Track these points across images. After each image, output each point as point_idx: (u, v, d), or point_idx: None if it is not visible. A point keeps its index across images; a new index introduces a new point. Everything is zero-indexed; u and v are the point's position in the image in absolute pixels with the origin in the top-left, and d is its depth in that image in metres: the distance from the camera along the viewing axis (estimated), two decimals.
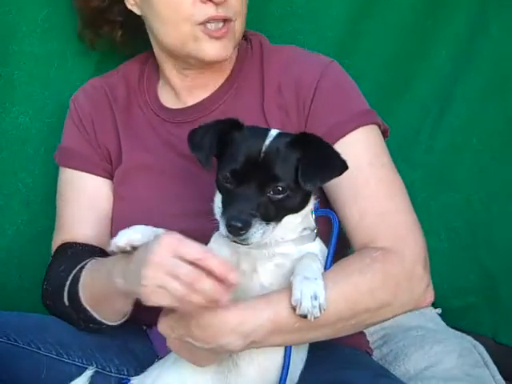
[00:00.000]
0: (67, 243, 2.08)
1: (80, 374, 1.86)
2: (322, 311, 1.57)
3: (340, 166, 1.65)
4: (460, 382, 2.20)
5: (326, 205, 1.91)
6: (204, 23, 1.93)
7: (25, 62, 2.36)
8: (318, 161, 1.64)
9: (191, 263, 1.54)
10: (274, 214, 1.61)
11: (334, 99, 1.95)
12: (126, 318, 1.91)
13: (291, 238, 1.70)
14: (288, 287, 1.62)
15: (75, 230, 2.10)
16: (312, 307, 1.56)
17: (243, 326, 1.60)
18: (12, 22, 2.32)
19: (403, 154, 2.03)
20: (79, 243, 2.07)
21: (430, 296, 1.82)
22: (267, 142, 1.63)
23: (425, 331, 2.45)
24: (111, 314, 1.89)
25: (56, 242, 2.12)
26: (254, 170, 1.61)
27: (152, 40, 2.09)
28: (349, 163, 1.71)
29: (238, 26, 1.99)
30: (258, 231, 1.57)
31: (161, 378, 1.78)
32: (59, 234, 2.13)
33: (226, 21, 1.95)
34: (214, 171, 1.70)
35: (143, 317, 1.94)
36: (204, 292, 1.53)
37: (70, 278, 1.91)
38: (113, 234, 2.09)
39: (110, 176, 2.13)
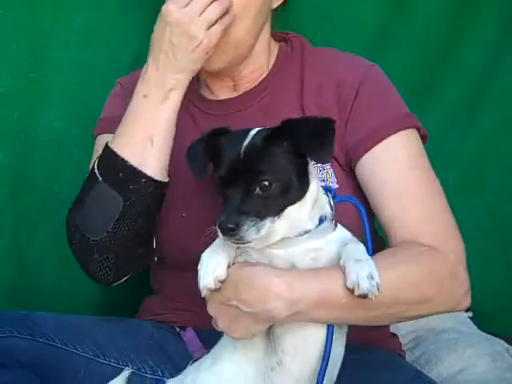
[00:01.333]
0: None
1: (116, 374, 1.87)
2: (380, 289, 1.58)
3: (329, 123, 1.66)
4: None
5: (365, 204, 1.91)
6: None
7: (59, 66, 2.40)
8: (315, 134, 1.64)
9: None
10: (266, 209, 1.62)
11: (375, 102, 1.96)
12: (164, 170, 1.91)
13: (308, 228, 1.69)
14: (337, 265, 1.64)
15: None
16: (371, 286, 1.57)
17: (290, 291, 1.61)
18: (48, 29, 2.35)
19: (435, 156, 2.04)
20: None
21: (468, 300, 1.83)
22: (246, 142, 1.65)
23: (457, 334, 2.45)
24: (145, 144, 1.87)
25: None
26: (238, 172, 1.63)
27: None
28: (390, 165, 1.78)
29: (238, 35, 1.95)
30: (251, 228, 1.58)
31: (198, 381, 1.77)
32: None
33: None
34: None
35: (177, 318, 1.98)
36: None
37: (98, 158, 1.91)
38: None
39: None
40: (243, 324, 1.65)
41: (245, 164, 1.63)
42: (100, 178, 1.89)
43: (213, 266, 1.64)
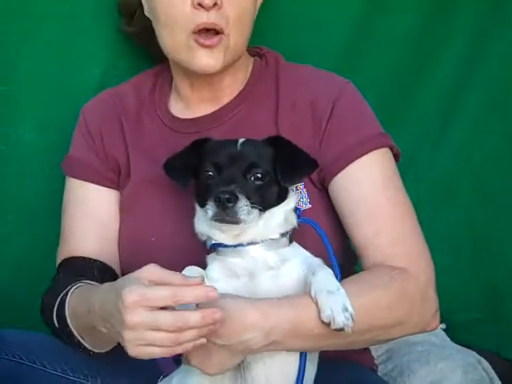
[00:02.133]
0: (69, 258, 2.07)
1: None
2: (354, 320, 1.60)
3: (312, 165, 1.80)
4: None
5: (337, 222, 1.95)
6: (198, 33, 1.94)
7: (28, 79, 2.38)
8: (293, 160, 1.76)
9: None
10: (256, 199, 1.69)
11: (349, 121, 1.97)
12: (112, 346, 1.88)
13: (272, 238, 1.75)
14: (307, 292, 1.65)
15: (77, 242, 2.09)
16: (346, 319, 1.59)
17: (264, 321, 1.61)
18: (16, 41, 2.33)
19: (407, 169, 2.05)
20: (80, 257, 2.06)
21: (437, 321, 1.86)
22: (240, 140, 1.77)
23: (429, 346, 2.45)
24: (99, 344, 1.87)
25: (60, 256, 2.12)
26: (234, 161, 1.72)
27: None
28: (363, 185, 1.85)
29: (235, 38, 1.98)
30: (244, 207, 1.65)
31: None
32: (62, 247, 2.13)
33: (217, 33, 1.95)
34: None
35: None
36: (193, 326, 1.53)
37: (58, 300, 1.89)
38: (119, 245, 2.09)
39: (116, 187, 2.13)
40: (217, 358, 1.64)
41: (242, 155, 1.73)
42: (57, 326, 1.88)
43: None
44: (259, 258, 1.73)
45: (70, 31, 2.37)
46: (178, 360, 1.78)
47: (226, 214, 1.64)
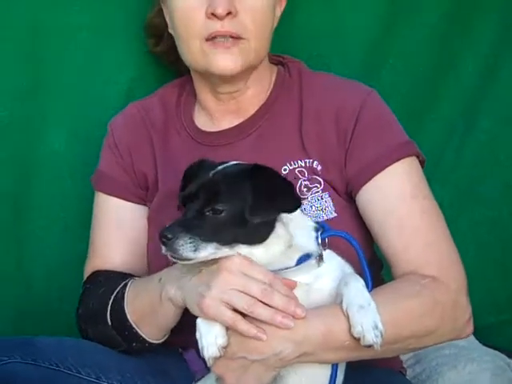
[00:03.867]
0: (100, 270, 2.12)
1: None
2: (383, 336, 1.62)
3: (290, 204, 1.68)
4: None
5: (363, 229, 1.96)
6: (212, 39, 1.95)
7: (58, 91, 2.41)
8: (265, 194, 1.66)
9: None
10: (214, 234, 1.65)
11: (374, 131, 1.98)
12: (166, 336, 1.95)
13: (288, 265, 1.72)
14: (338, 303, 1.67)
15: (107, 255, 2.14)
16: (375, 337, 1.61)
17: (296, 333, 1.64)
18: (47, 53, 2.37)
19: (431, 172, 2.05)
20: (110, 270, 2.11)
21: (470, 327, 1.87)
22: (218, 168, 1.71)
23: (457, 349, 2.45)
24: (155, 328, 1.93)
25: (88, 269, 2.16)
26: (200, 191, 1.68)
27: None
28: (391, 194, 1.84)
29: (254, 46, 1.98)
30: (187, 244, 1.62)
31: None
32: (91, 260, 2.18)
33: (234, 38, 1.96)
34: None
35: (178, 339, 1.98)
36: (276, 304, 1.62)
37: (113, 295, 1.95)
38: (148, 258, 2.14)
39: (144, 202, 2.17)
40: (253, 374, 1.68)
41: (207, 186, 1.68)
42: (110, 323, 1.96)
43: (213, 335, 1.66)
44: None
45: (98, 43, 2.41)
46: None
47: (170, 252, 1.64)
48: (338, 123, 1.99)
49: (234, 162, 1.74)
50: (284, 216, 1.70)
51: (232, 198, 1.65)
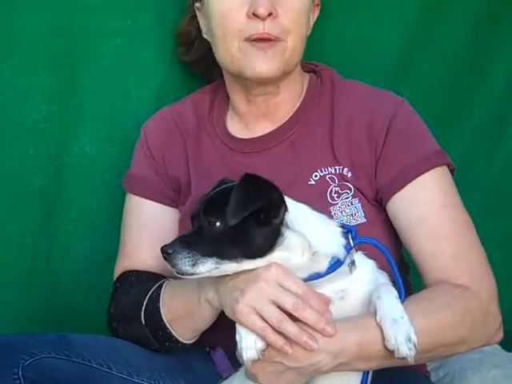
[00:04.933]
0: (131, 271, 2.15)
1: None
2: (417, 349, 1.64)
3: (265, 199, 1.66)
4: None
5: (393, 234, 1.99)
6: (251, 41, 1.97)
7: (92, 94, 2.45)
8: (240, 195, 1.66)
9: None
10: (214, 249, 1.66)
11: (406, 140, 1.99)
12: (198, 337, 1.98)
13: (318, 272, 1.73)
14: (372, 313, 1.69)
15: (137, 257, 2.17)
16: (409, 350, 1.64)
17: (333, 345, 1.66)
18: (81, 57, 2.41)
19: (460, 179, 2.07)
20: (142, 271, 2.14)
21: (500, 334, 1.90)
22: (221, 187, 1.74)
23: (482, 355, 2.45)
24: (189, 330, 1.96)
25: (118, 269, 2.19)
26: (200, 209, 1.71)
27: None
28: (423, 204, 1.87)
29: (290, 45, 2.00)
30: (185, 259, 1.65)
31: None
32: (121, 261, 2.20)
33: (273, 40, 1.97)
34: None
35: (206, 338, 2.01)
36: (306, 319, 1.63)
37: (148, 296, 1.98)
38: None
39: (176, 205, 2.19)
40: (286, 378, 1.70)
41: (207, 203, 1.72)
42: (143, 322, 1.99)
43: (253, 338, 1.67)
44: (325, 290, 1.74)
45: (131, 49, 2.43)
46: (236, 363, 1.84)
47: (172, 267, 1.68)
48: (369, 132, 2.01)
49: (231, 184, 1.74)
50: (295, 222, 1.70)
51: (221, 210, 1.66)
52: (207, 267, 1.66)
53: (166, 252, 1.66)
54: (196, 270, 1.66)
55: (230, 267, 1.68)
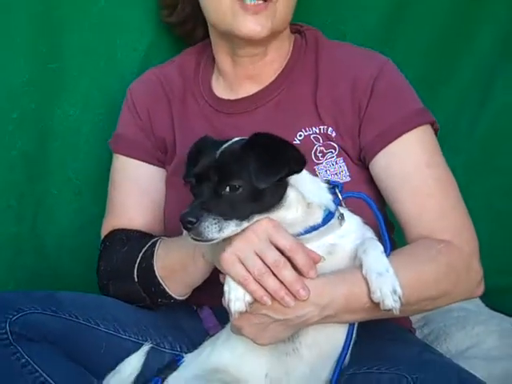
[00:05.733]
0: (119, 229, 2.15)
1: (136, 349, 1.94)
2: (402, 301, 1.66)
3: (294, 162, 1.68)
4: (502, 361, 2.25)
5: (376, 193, 2.00)
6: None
7: (75, 56, 2.43)
8: (268, 158, 1.66)
9: (279, 250, 1.65)
10: (233, 211, 1.65)
11: (389, 100, 2.00)
12: (189, 293, 2.00)
13: (313, 224, 1.74)
14: (358, 267, 1.71)
15: (126, 215, 2.18)
16: (394, 302, 1.66)
17: (320, 298, 1.68)
18: (64, 19, 2.38)
19: (444, 140, 2.08)
20: (131, 229, 2.14)
21: (481, 288, 1.92)
22: (223, 146, 1.71)
23: (465, 312, 2.51)
24: (182, 285, 1.97)
25: (106, 227, 2.20)
26: (211, 171, 1.67)
27: (208, 23, 2.13)
28: (406, 162, 1.88)
29: (281, 7, 2.00)
30: (212, 225, 1.62)
31: (213, 355, 1.85)
32: (110, 219, 2.21)
33: (264, 0, 1.97)
34: None
35: (194, 297, 2.03)
36: (283, 278, 1.64)
37: (142, 253, 1.99)
38: (164, 220, 2.18)
39: (162, 165, 2.20)
40: (272, 331, 1.71)
41: (218, 165, 1.68)
42: (136, 280, 2.00)
43: (242, 290, 1.67)
44: (316, 245, 1.75)
45: (115, 8, 2.42)
46: (223, 320, 1.86)
47: (195, 235, 1.63)
48: (353, 91, 2.01)
49: (237, 139, 1.74)
50: (291, 178, 1.71)
51: (243, 173, 1.65)
52: (230, 230, 1.65)
53: (190, 222, 1.61)
54: (222, 235, 1.64)
55: (244, 226, 1.68)
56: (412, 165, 1.95)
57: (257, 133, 1.70)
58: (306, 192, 1.73)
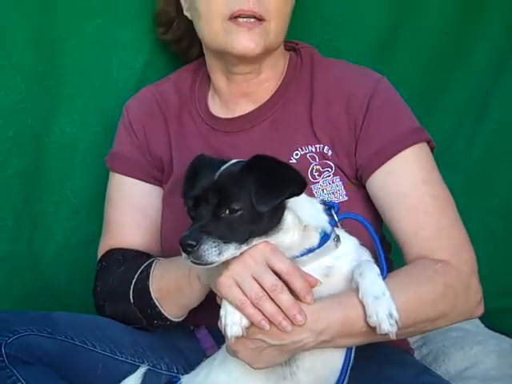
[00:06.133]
0: (116, 249, 2.14)
1: (133, 371, 1.93)
2: (398, 325, 1.65)
3: (294, 185, 1.67)
4: (500, 382, 2.24)
5: (373, 212, 1.99)
6: (234, 18, 1.96)
7: (71, 74, 2.43)
8: (268, 181, 1.65)
9: (276, 274, 1.65)
10: (233, 234, 1.63)
11: (385, 117, 1.99)
12: (186, 315, 1.98)
13: (310, 247, 1.73)
14: (354, 290, 1.69)
15: (123, 235, 2.17)
16: (391, 326, 1.64)
17: (316, 323, 1.67)
18: (61, 36, 2.38)
19: (441, 158, 2.08)
20: (128, 249, 2.13)
21: (481, 308, 1.90)
22: (222, 168, 1.69)
23: (464, 332, 2.49)
24: (177, 307, 1.96)
25: (103, 247, 2.19)
26: (210, 194, 1.65)
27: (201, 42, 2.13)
28: (403, 180, 1.87)
29: (274, 27, 2.00)
30: (212, 249, 1.60)
31: (210, 377, 1.83)
32: (106, 239, 2.20)
33: (257, 19, 1.97)
34: None
35: (191, 317, 2.01)
36: (280, 302, 1.63)
37: (137, 274, 1.98)
38: (162, 240, 2.17)
39: (159, 183, 2.19)
40: (267, 356, 1.70)
41: (217, 187, 1.66)
42: (132, 301, 1.99)
43: (238, 314, 1.65)
44: (312, 267, 1.74)
45: (112, 26, 2.42)
46: (220, 341, 1.84)
47: (195, 259, 1.61)
48: (348, 109, 2.01)
49: (235, 160, 1.72)
50: (289, 201, 1.70)
51: (243, 196, 1.64)
52: (229, 253, 1.63)
53: (190, 245, 1.60)
54: (221, 259, 1.62)
55: (243, 249, 1.66)
56: (409, 182, 1.94)
57: (256, 155, 1.69)
58: (303, 214, 1.72)
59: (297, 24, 2.27)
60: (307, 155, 2.03)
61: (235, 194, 1.65)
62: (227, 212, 1.64)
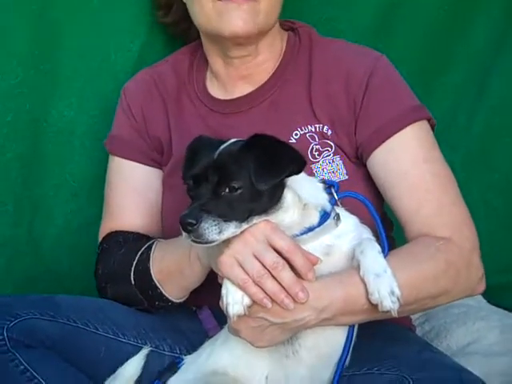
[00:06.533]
0: (116, 231, 2.15)
1: (136, 352, 1.94)
2: (400, 302, 1.65)
3: (294, 164, 1.67)
4: (503, 357, 2.25)
5: (374, 190, 1.99)
6: None
7: (69, 57, 2.41)
8: (268, 160, 1.65)
9: (277, 252, 1.64)
10: (233, 212, 1.63)
11: (385, 96, 1.99)
12: (187, 296, 1.99)
13: (310, 226, 1.73)
14: (355, 268, 1.69)
15: (123, 217, 2.17)
16: (392, 303, 1.65)
17: (318, 301, 1.67)
18: (57, 19, 2.37)
19: (442, 136, 2.07)
20: (128, 231, 2.13)
21: (483, 285, 1.91)
22: (221, 147, 1.69)
23: (466, 308, 2.50)
24: (178, 288, 1.97)
25: (104, 229, 2.19)
26: (210, 173, 1.65)
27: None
28: (403, 158, 1.86)
29: (264, 7, 1.98)
30: (212, 227, 1.60)
31: (213, 356, 1.84)
32: (107, 221, 2.20)
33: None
34: None
35: (193, 298, 2.02)
36: (282, 280, 1.63)
37: (138, 256, 1.99)
38: (162, 221, 2.17)
39: (159, 166, 2.19)
40: (269, 334, 1.70)
41: (217, 166, 1.66)
42: (133, 282, 2.00)
43: (240, 293, 1.65)
44: (313, 246, 1.74)
45: (109, 10, 2.40)
46: (222, 321, 1.85)
47: (195, 237, 1.61)
48: (347, 89, 2.00)
49: (234, 140, 1.73)
50: (288, 179, 1.70)
51: (242, 174, 1.64)
52: (230, 232, 1.63)
53: (190, 224, 1.59)
54: (222, 237, 1.62)
55: (244, 228, 1.66)
56: (409, 160, 1.94)
57: (255, 134, 1.69)
58: (303, 193, 1.73)
59: (295, 3, 2.26)
60: (307, 135, 2.03)
61: (235, 172, 1.65)
62: (227, 190, 1.64)
